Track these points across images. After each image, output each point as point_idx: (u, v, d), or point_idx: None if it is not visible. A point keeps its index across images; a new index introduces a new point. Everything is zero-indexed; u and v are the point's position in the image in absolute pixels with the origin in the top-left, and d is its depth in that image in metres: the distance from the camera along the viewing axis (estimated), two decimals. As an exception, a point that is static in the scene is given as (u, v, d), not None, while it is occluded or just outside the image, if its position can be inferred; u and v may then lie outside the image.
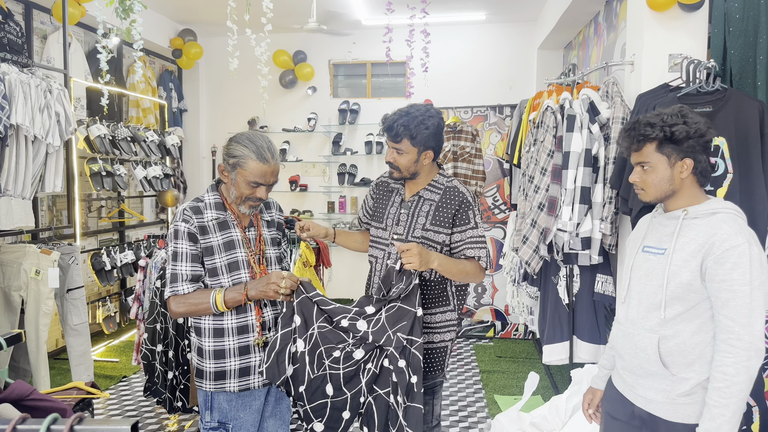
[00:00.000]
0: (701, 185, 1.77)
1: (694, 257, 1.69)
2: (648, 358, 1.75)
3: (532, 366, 4.57)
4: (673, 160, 1.73)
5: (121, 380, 4.33)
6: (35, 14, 4.76)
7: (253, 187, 2.00)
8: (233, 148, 2.01)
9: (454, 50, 6.55)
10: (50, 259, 3.65)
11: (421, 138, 2.17)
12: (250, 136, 2.02)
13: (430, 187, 2.28)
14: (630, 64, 3.08)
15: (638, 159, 1.80)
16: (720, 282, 1.64)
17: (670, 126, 1.71)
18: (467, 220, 2.22)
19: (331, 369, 2.02)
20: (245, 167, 1.98)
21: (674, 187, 1.75)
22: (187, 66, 6.69)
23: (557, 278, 3.41)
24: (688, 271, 1.69)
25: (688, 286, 1.69)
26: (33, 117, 3.42)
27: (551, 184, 3.07)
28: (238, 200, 2.04)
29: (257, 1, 3.40)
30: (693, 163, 1.72)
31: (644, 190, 1.81)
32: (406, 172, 2.25)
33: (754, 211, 2.39)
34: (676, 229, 1.75)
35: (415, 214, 2.26)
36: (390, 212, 2.32)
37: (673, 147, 1.72)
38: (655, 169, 1.76)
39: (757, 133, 2.40)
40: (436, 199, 2.25)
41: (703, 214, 1.73)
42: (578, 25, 5.32)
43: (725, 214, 1.70)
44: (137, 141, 5.21)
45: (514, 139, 4.04)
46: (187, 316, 2.04)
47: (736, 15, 2.66)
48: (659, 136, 1.73)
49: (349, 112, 6.74)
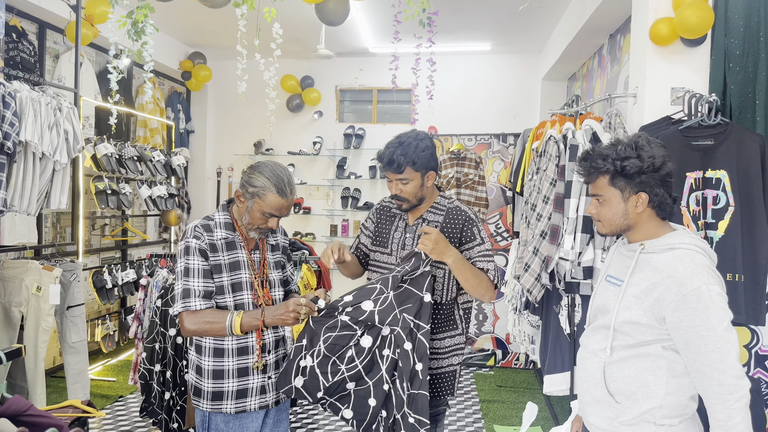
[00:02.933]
0: (661, 218, 1.70)
1: (646, 295, 1.62)
2: (595, 383, 1.73)
3: (532, 396, 4.52)
4: (627, 194, 1.66)
5: (118, 400, 4.30)
6: (49, 34, 4.85)
7: (266, 217, 2.03)
8: (255, 177, 2.02)
9: (459, 79, 6.63)
10: (52, 276, 3.65)
11: (422, 161, 2.16)
12: (272, 168, 2.04)
13: (433, 209, 2.27)
14: (633, 96, 3.11)
15: (593, 191, 1.75)
16: (686, 330, 1.57)
17: (621, 159, 1.64)
18: (473, 237, 2.21)
19: (349, 370, 2.02)
20: (264, 198, 2.00)
21: (629, 221, 1.69)
22: (196, 88, 6.78)
23: (559, 307, 3.40)
24: (639, 308, 1.64)
25: (637, 324, 1.64)
26: (42, 134, 3.46)
27: (553, 213, 3.09)
28: (249, 226, 2.07)
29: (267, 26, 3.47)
30: (648, 197, 1.65)
31: (600, 223, 1.76)
32: (415, 200, 2.22)
33: (755, 244, 2.40)
34: (633, 263, 1.69)
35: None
36: (395, 237, 2.29)
37: (625, 181, 1.65)
38: (609, 203, 1.70)
39: (758, 167, 2.42)
40: (440, 220, 2.24)
41: (660, 249, 1.66)
42: (582, 57, 5.39)
43: (683, 250, 1.62)
44: (143, 160, 5.26)
45: (517, 167, 4.07)
46: (200, 336, 2.03)
47: (737, 51, 2.70)
48: (610, 169, 1.66)
49: (354, 137, 6.80)
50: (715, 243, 2.44)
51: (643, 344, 1.64)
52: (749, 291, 2.41)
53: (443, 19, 5.08)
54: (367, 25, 5.63)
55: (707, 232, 2.46)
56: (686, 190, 2.48)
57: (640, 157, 1.63)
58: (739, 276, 2.40)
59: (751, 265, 2.41)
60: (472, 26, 5.56)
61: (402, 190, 2.19)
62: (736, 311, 2.40)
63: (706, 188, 2.46)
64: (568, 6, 4.94)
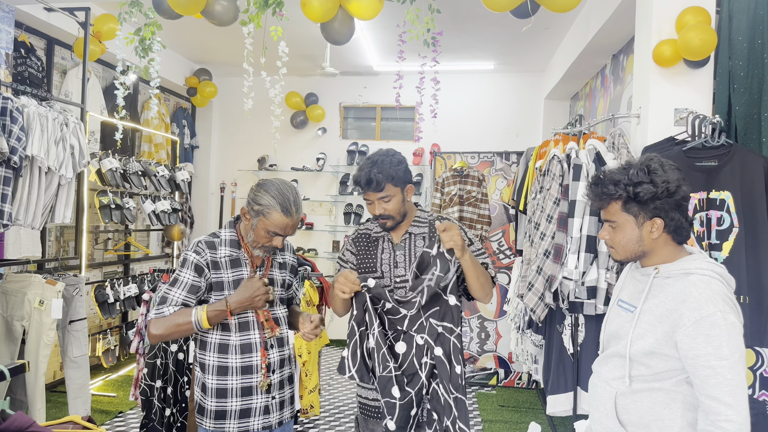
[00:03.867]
0: (678, 242, 1.63)
1: (660, 323, 1.56)
2: (606, 413, 1.67)
3: (535, 416, 4.48)
4: (641, 220, 1.61)
5: (117, 416, 4.27)
6: (57, 50, 4.90)
7: (270, 236, 2.03)
8: (261, 196, 2.01)
9: (462, 97, 6.67)
10: (55, 290, 3.65)
11: (399, 176, 2.13)
12: (279, 187, 2.03)
13: (416, 223, 2.24)
14: (636, 116, 3.13)
15: (605, 216, 1.69)
16: (695, 358, 1.49)
17: (634, 185, 1.58)
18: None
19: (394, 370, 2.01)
20: (268, 217, 2.00)
21: (644, 247, 1.63)
22: (201, 104, 6.83)
23: (562, 327, 3.38)
24: (652, 336, 1.57)
25: (651, 352, 1.57)
26: (48, 149, 3.49)
27: (557, 232, 3.09)
28: (254, 244, 2.07)
29: (273, 44, 3.50)
30: (663, 222, 1.59)
31: (614, 249, 1.69)
32: (399, 216, 2.18)
33: (760, 265, 2.40)
34: (646, 288, 1.63)
35: (411, 251, 2.21)
36: (383, 258, 2.22)
37: (639, 207, 1.60)
38: (623, 229, 1.64)
39: (762, 189, 2.42)
40: (426, 231, 2.22)
41: (676, 273, 1.59)
42: (585, 77, 5.43)
43: (699, 276, 1.55)
44: (148, 175, 5.28)
45: (520, 186, 4.08)
46: (167, 339, 2.04)
47: (741, 73, 2.72)
48: (623, 195, 1.60)
49: (358, 153, 6.83)
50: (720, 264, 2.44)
51: (659, 375, 1.58)
52: (754, 312, 2.40)
53: (447, 38, 5.13)
54: (371, 44, 5.69)
55: (711, 253, 2.45)
56: (690, 210, 2.48)
57: (654, 182, 1.57)
58: (744, 297, 2.39)
59: (756, 287, 2.40)
60: (475, 45, 5.61)
61: (385, 208, 2.15)
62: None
63: (710, 209, 2.46)
64: (572, 26, 4.99)
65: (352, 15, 3.31)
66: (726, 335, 1.47)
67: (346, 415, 4.44)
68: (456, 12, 4.62)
